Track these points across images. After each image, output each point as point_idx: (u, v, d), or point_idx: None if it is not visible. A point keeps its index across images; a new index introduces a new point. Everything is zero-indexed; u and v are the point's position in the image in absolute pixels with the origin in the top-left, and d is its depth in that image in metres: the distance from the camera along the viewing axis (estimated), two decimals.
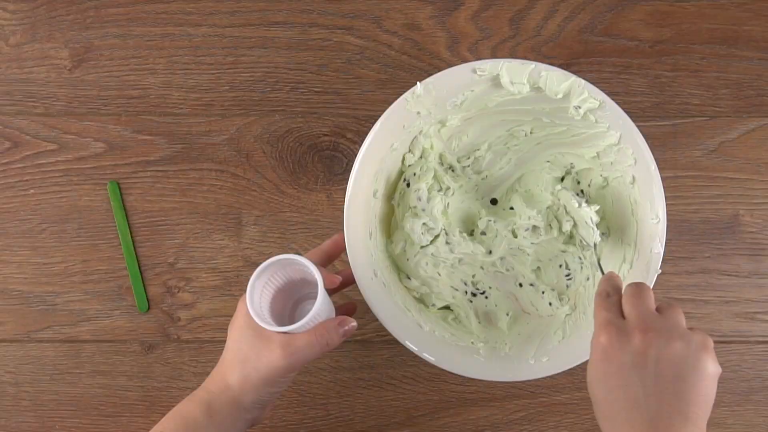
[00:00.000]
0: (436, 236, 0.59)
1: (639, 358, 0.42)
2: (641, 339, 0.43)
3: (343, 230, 0.53)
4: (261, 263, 0.48)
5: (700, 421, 0.42)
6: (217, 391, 0.50)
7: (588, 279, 0.58)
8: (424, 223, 0.57)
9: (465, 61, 0.61)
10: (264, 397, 0.50)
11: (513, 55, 0.64)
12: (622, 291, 0.46)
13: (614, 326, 0.44)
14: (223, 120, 0.63)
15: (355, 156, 0.54)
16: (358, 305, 0.62)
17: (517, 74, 0.53)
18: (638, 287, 0.46)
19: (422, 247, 0.58)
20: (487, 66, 0.52)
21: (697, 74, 0.64)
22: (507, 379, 0.55)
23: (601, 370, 0.43)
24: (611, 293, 0.47)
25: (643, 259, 0.54)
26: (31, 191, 0.63)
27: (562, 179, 0.61)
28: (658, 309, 0.45)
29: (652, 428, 0.41)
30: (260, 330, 0.48)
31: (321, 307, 0.48)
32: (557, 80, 0.52)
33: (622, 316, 0.45)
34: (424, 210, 0.58)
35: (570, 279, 0.59)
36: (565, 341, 0.56)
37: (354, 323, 0.50)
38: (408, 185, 0.58)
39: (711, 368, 0.43)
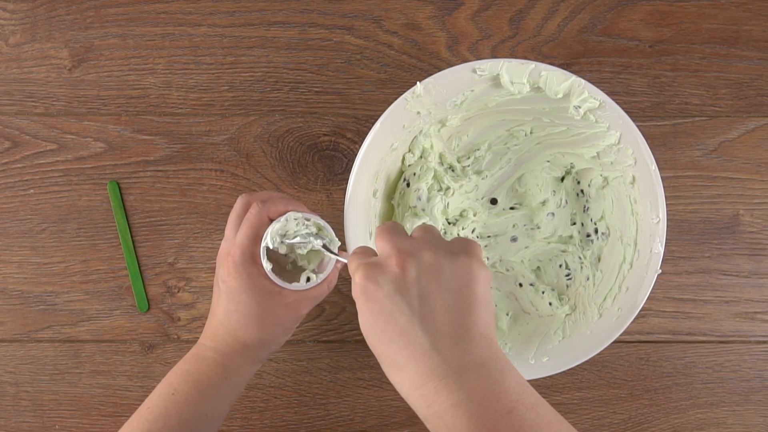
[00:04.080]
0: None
1: (399, 283, 0.38)
2: (396, 263, 0.39)
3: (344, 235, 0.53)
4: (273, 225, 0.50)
5: (485, 329, 0.38)
6: (230, 352, 0.50)
7: (588, 279, 0.58)
8: (423, 223, 0.57)
9: (465, 61, 0.61)
10: (279, 345, 0.52)
11: (513, 55, 0.64)
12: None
13: (366, 264, 0.40)
14: (223, 120, 0.63)
15: (355, 156, 0.54)
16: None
17: (517, 74, 0.53)
18: (386, 225, 0.42)
19: None
20: (487, 66, 0.52)
21: (697, 74, 0.64)
22: None
23: (368, 314, 0.39)
24: (363, 251, 0.43)
25: (643, 259, 0.54)
26: (31, 191, 0.63)
27: (562, 179, 0.61)
28: (410, 236, 0.42)
29: (435, 351, 0.37)
30: (266, 288, 0.49)
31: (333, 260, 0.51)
32: (557, 80, 0.52)
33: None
34: (424, 210, 0.58)
35: (570, 279, 0.59)
36: (565, 341, 0.56)
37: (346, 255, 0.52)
38: (408, 185, 0.58)
39: (478, 271, 0.39)
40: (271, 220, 0.50)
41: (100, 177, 0.63)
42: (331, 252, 0.50)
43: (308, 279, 0.51)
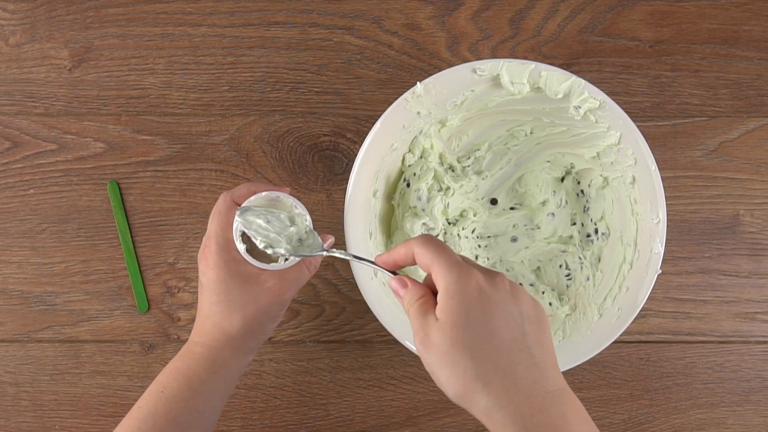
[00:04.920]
0: (436, 236, 0.59)
1: (513, 299, 0.40)
2: (502, 278, 0.41)
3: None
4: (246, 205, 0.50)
5: (557, 365, 0.41)
6: (217, 345, 0.49)
7: (588, 279, 0.58)
8: (423, 223, 0.57)
9: (465, 61, 0.61)
10: (267, 334, 0.52)
11: (513, 55, 0.64)
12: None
13: (476, 266, 0.41)
14: (223, 120, 0.63)
15: (355, 156, 0.54)
16: (358, 305, 0.62)
17: (517, 74, 0.53)
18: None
19: None
20: (487, 66, 0.52)
21: (697, 74, 0.64)
22: None
23: (479, 311, 0.39)
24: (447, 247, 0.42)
25: (643, 259, 0.54)
26: (31, 191, 0.63)
27: (562, 179, 0.61)
28: None
29: (541, 366, 0.39)
30: (245, 275, 0.49)
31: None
32: (557, 80, 0.52)
33: None
34: (424, 210, 0.58)
35: (570, 279, 0.59)
36: (565, 341, 0.56)
37: (332, 238, 0.52)
38: (408, 185, 0.58)
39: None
40: (238, 205, 0.50)
41: (100, 177, 0.63)
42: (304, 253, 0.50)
43: (286, 259, 0.51)
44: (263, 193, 0.50)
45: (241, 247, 0.49)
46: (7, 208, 0.63)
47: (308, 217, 0.51)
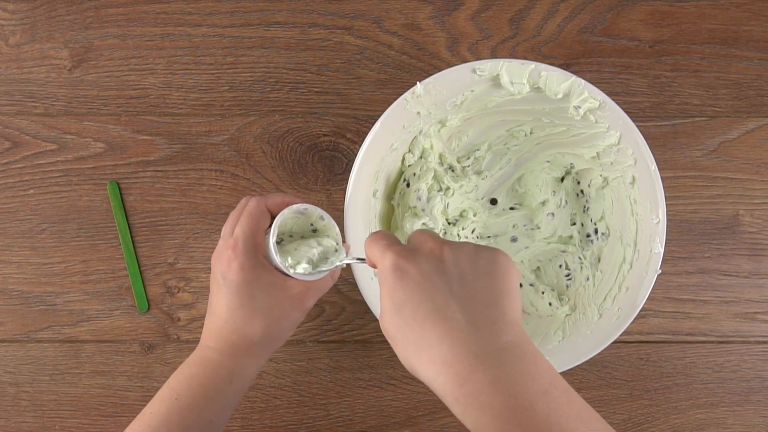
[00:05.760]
0: None
1: (437, 263, 0.38)
2: (433, 246, 0.39)
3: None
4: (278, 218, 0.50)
5: (517, 316, 0.39)
6: (236, 352, 0.48)
7: (588, 279, 0.58)
8: (423, 223, 0.57)
9: (465, 61, 0.61)
10: (282, 341, 0.51)
11: (513, 55, 0.64)
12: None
13: (398, 246, 0.40)
14: (222, 120, 0.63)
15: (355, 156, 0.54)
16: (358, 305, 0.62)
17: (516, 74, 0.53)
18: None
19: None
20: (487, 66, 0.52)
21: (697, 74, 0.64)
22: None
23: (401, 290, 0.38)
24: (384, 235, 0.42)
25: (643, 259, 0.54)
26: (31, 191, 0.63)
27: (562, 179, 0.61)
28: None
29: (472, 328, 0.37)
30: (270, 280, 0.48)
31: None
32: (557, 80, 0.52)
33: None
34: (423, 210, 0.58)
35: (570, 279, 0.59)
36: (565, 341, 0.56)
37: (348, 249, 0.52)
38: (408, 185, 0.58)
39: (511, 264, 0.40)
40: (270, 212, 0.50)
41: (100, 177, 0.63)
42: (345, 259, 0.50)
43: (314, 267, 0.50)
44: (294, 206, 0.50)
45: (276, 258, 0.48)
46: (7, 208, 0.63)
47: (336, 228, 0.51)
